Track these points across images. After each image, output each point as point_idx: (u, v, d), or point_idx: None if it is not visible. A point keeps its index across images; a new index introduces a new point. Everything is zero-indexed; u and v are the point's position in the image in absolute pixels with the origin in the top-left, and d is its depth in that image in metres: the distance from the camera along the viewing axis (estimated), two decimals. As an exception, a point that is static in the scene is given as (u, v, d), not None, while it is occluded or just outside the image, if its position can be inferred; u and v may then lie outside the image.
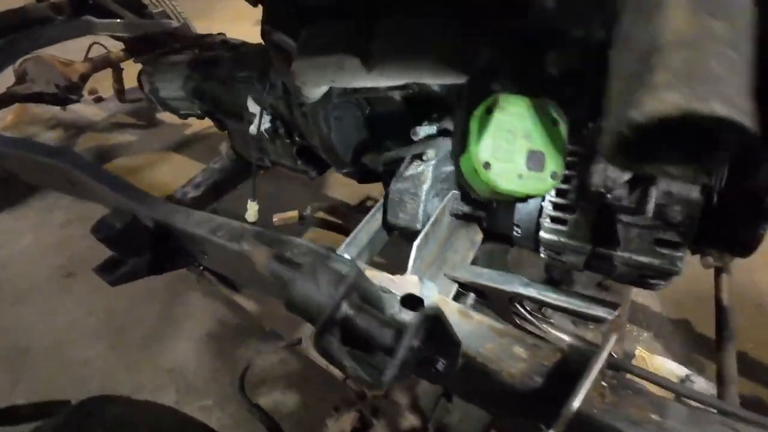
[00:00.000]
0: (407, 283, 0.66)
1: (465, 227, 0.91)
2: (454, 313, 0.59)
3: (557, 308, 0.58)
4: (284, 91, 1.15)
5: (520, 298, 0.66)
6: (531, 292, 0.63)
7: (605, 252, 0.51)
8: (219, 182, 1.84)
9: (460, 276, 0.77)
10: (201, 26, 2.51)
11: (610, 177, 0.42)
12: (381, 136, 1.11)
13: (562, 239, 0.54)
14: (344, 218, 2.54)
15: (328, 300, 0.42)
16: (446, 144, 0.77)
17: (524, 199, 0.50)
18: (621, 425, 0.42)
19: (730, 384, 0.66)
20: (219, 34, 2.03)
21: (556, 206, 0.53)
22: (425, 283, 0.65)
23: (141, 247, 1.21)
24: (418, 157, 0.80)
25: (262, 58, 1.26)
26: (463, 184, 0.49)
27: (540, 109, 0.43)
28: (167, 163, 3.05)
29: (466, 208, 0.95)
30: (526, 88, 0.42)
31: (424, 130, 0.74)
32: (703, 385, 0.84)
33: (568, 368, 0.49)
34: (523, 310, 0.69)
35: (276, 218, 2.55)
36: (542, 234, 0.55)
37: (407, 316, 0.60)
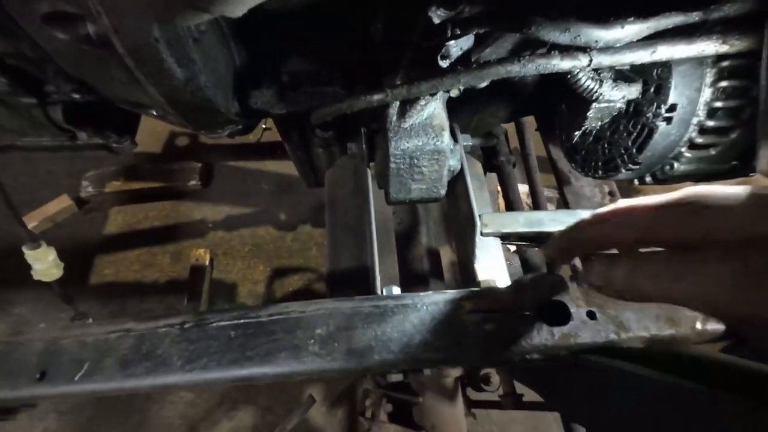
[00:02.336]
0: (528, 287, 0.48)
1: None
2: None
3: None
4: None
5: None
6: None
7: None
8: None
9: (510, 229, 0.62)
10: None
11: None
12: (276, 55, 0.64)
13: (701, 166, 0.45)
14: (159, 176, 1.72)
15: None
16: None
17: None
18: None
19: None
20: None
21: (705, 131, 0.42)
22: (551, 279, 0.49)
23: None
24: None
25: None
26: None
27: None
28: None
29: (475, 141, 0.73)
30: None
31: (461, 44, 0.42)
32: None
33: None
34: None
35: (33, 222, 1.52)
36: (677, 166, 0.45)
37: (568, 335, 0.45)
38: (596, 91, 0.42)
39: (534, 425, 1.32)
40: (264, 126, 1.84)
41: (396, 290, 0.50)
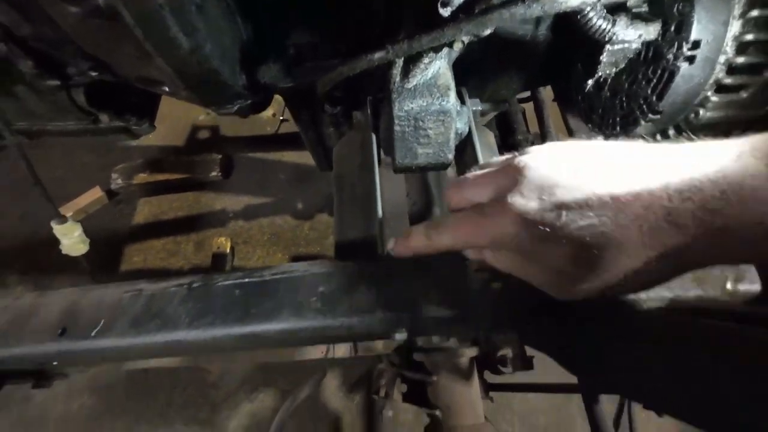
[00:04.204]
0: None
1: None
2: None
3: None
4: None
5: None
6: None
7: None
8: None
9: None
10: None
11: None
12: (282, 28, 0.64)
13: (731, 112, 0.41)
14: (182, 168, 1.79)
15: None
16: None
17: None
18: None
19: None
20: None
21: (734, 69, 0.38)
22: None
23: None
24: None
25: None
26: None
27: None
28: None
29: (484, 106, 0.71)
30: None
31: (461, -8, 0.40)
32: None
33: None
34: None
35: (68, 213, 1.61)
36: (704, 113, 0.42)
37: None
38: (609, 31, 0.39)
39: (557, 417, 1.27)
40: (282, 118, 1.87)
41: (401, 253, 0.48)
